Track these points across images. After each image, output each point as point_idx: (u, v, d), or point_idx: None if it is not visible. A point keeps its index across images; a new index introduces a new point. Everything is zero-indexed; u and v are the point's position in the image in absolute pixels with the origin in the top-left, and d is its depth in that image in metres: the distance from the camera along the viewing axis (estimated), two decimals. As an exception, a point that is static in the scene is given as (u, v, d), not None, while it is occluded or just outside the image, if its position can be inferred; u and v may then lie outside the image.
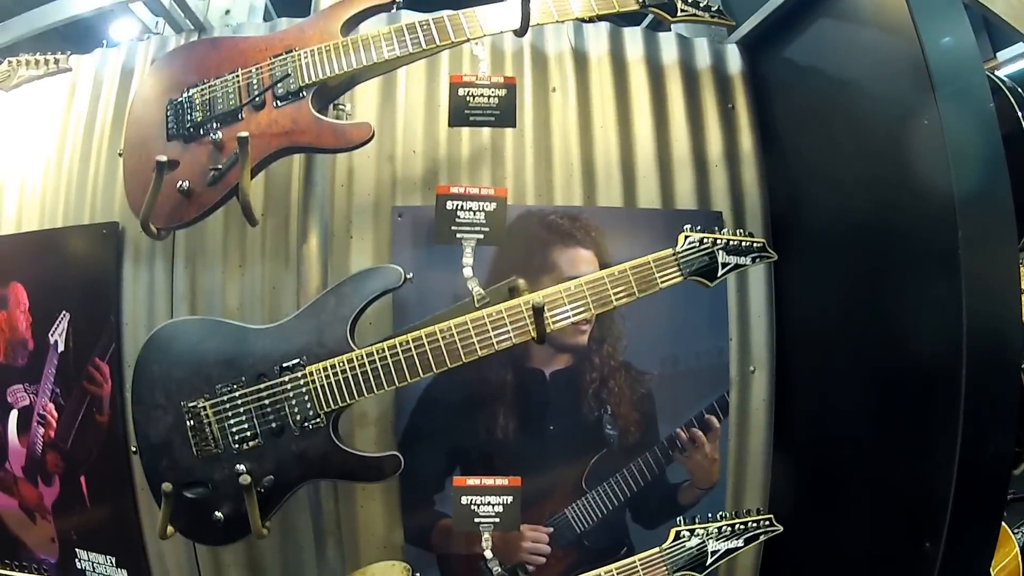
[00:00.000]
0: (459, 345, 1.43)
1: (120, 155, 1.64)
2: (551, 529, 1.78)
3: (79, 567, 2.00)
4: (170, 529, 1.53)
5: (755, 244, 1.59)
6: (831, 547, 1.77)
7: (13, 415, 2.00)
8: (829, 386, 1.79)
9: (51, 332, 1.92)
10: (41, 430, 1.96)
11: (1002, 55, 2.44)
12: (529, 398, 1.74)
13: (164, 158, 1.50)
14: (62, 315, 1.90)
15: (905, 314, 1.54)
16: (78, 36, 2.20)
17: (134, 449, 1.77)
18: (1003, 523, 2.20)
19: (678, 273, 1.50)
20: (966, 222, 1.39)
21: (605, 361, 1.74)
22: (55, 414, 1.94)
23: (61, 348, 1.91)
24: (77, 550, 1.99)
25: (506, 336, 1.43)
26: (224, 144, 1.53)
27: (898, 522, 1.58)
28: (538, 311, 1.41)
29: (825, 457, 1.80)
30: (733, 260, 1.56)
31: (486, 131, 1.78)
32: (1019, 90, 2.00)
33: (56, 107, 1.99)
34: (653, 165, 1.83)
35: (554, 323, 1.45)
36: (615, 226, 1.76)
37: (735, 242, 1.56)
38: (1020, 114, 1.97)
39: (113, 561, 1.97)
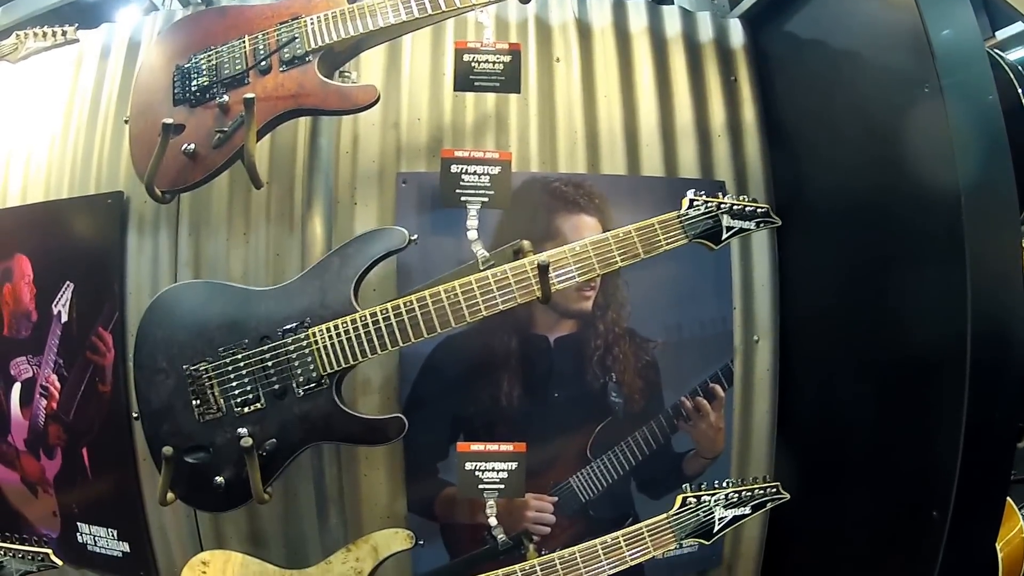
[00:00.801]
0: (464, 305, 1.43)
1: (126, 122, 1.65)
2: (556, 498, 1.77)
3: (80, 541, 1.99)
4: (170, 495, 1.53)
5: (759, 209, 1.59)
6: (838, 517, 1.76)
7: (16, 388, 2.00)
8: (834, 357, 1.79)
9: (55, 303, 1.92)
10: (44, 402, 1.96)
11: (1001, 34, 2.45)
12: (533, 365, 1.73)
13: (170, 120, 1.51)
14: (66, 285, 1.90)
15: (909, 286, 1.54)
16: (83, 21, 2.19)
17: (135, 415, 1.76)
18: (1008, 499, 2.19)
19: (683, 235, 1.50)
20: (969, 193, 1.39)
21: (609, 328, 1.74)
22: (58, 385, 1.93)
23: (64, 318, 1.91)
24: (78, 524, 1.99)
25: (511, 296, 1.43)
26: (230, 107, 1.53)
27: (905, 492, 1.57)
28: (543, 269, 1.40)
29: (830, 428, 1.80)
30: (737, 224, 1.56)
31: (490, 100, 1.79)
32: (1019, 67, 2.01)
33: (62, 80, 2.00)
34: (656, 135, 1.83)
35: (559, 283, 1.45)
36: (619, 193, 1.76)
37: (739, 206, 1.56)
38: (1020, 91, 1.99)
39: (115, 534, 1.96)
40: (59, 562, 1.76)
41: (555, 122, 1.80)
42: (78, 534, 1.99)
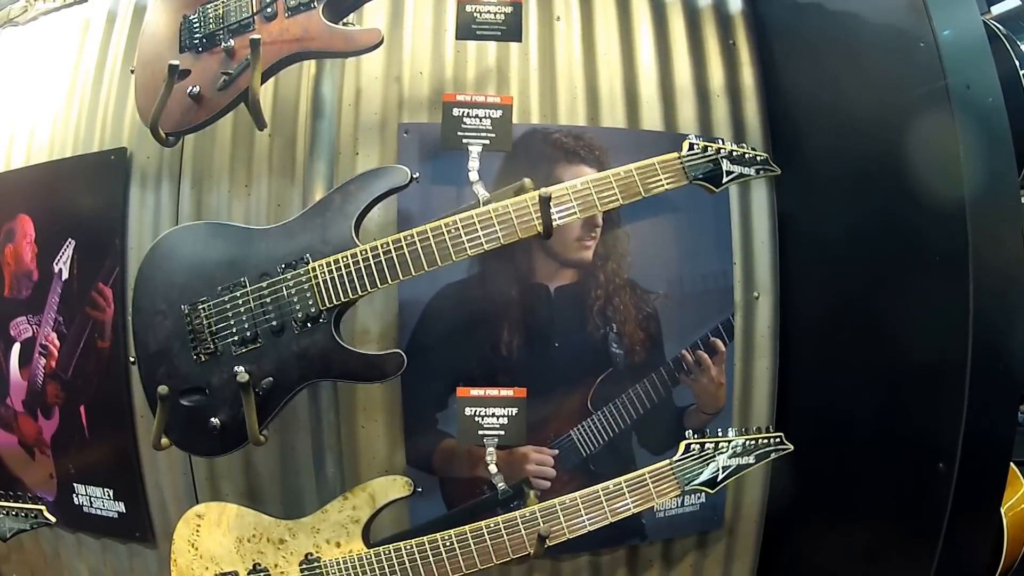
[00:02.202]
0: (464, 238, 1.43)
1: (132, 72, 1.67)
2: (556, 451, 1.75)
3: (76, 503, 1.97)
4: (165, 441, 1.52)
5: (758, 157, 1.61)
6: (841, 475, 1.74)
7: (16, 349, 2.00)
8: (836, 315, 1.78)
9: (56, 261, 1.92)
10: (43, 361, 1.96)
11: (996, 9, 2.48)
12: (534, 314, 1.72)
13: (176, 62, 1.53)
14: (67, 243, 1.91)
15: (908, 241, 1.54)
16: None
17: (132, 359, 1.75)
18: (1012, 464, 2.16)
19: (683, 176, 1.50)
20: (967, 147, 1.40)
21: (610, 278, 1.73)
22: (57, 344, 1.93)
23: (65, 276, 1.91)
24: (75, 485, 1.97)
25: (511, 229, 1.43)
26: (236, 51, 1.55)
27: (910, 446, 1.55)
28: (544, 202, 1.41)
29: (833, 383, 1.78)
30: (737, 169, 1.57)
31: (491, 55, 1.80)
32: (1015, 38, 2.04)
33: (69, 44, 2.01)
34: (656, 93, 1.85)
35: (560, 218, 1.45)
36: (619, 146, 1.76)
37: (738, 153, 1.58)
38: (1017, 63, 2.01)
39: (111, 494, 1.94)
40: (52, 519, 1.74)
41: (555, 77, 1.82)
42: (74, 496, 1.97)
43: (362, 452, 1.75)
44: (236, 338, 1.46)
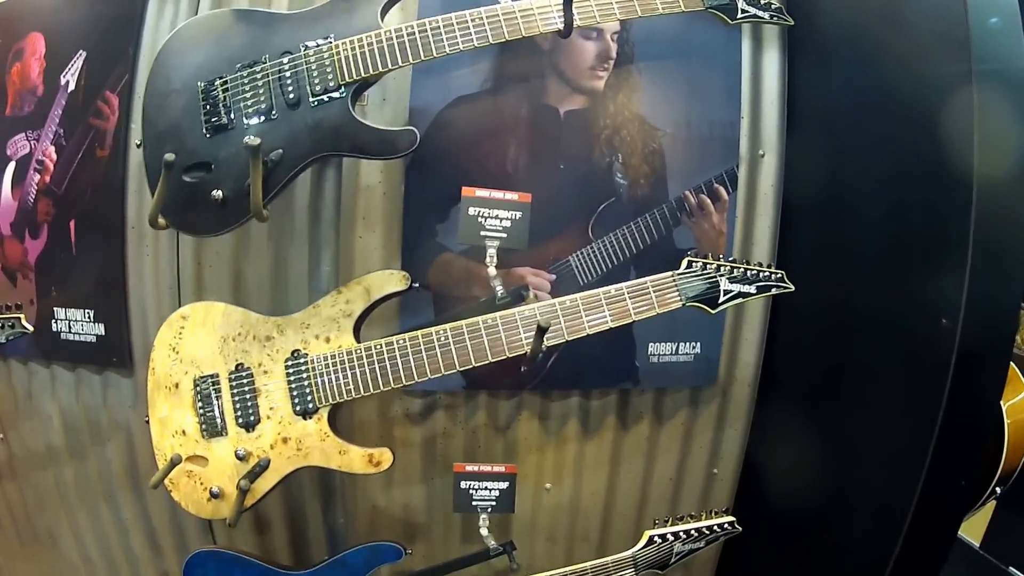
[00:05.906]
0: (487, 27, 1.45)
1: None
2: (554, 276, 1.74)
3: (54, 329, 1.92)
4: (162, 220, 1.50)
5: (772, 4, 1.65)
6: (841, 337, 1.74)
7: (9, 168, 1.96)
8: (839, 180, 1.79)
9: (64, 73, 1.90)
10: (37, 177, 1.92)
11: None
12: (542, 133, 1.73)
13: None
14: (78, 55, 1.89)
15: (917, 100, 1.54)
16: None
17: (138, 143, 1.73)
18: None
19: (699, 1, 1.55)
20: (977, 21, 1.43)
21: (619, 110, 1.75)
22: (54, 157, 1.90)
23: (71, 88, 1.89)
24: (55, 309, 1.92)
25: (532, 24, 1.46)
26: None
27: (913, 302, 1.55)
28: (567, 1, 1.44)
29: (834, 243, 1.78)
30: (752, 10, 1.62)
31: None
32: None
33: None
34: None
35: (580, 20, 1.48)
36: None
37: None
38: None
39: (91, 315, 1.89)
40: (30, 327, 1.69)
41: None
42: (53, 321, 1.92)
43: (357, 263, 1.72)
44: (250, 110, 1.46)
